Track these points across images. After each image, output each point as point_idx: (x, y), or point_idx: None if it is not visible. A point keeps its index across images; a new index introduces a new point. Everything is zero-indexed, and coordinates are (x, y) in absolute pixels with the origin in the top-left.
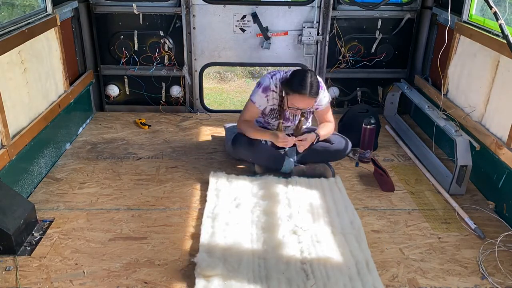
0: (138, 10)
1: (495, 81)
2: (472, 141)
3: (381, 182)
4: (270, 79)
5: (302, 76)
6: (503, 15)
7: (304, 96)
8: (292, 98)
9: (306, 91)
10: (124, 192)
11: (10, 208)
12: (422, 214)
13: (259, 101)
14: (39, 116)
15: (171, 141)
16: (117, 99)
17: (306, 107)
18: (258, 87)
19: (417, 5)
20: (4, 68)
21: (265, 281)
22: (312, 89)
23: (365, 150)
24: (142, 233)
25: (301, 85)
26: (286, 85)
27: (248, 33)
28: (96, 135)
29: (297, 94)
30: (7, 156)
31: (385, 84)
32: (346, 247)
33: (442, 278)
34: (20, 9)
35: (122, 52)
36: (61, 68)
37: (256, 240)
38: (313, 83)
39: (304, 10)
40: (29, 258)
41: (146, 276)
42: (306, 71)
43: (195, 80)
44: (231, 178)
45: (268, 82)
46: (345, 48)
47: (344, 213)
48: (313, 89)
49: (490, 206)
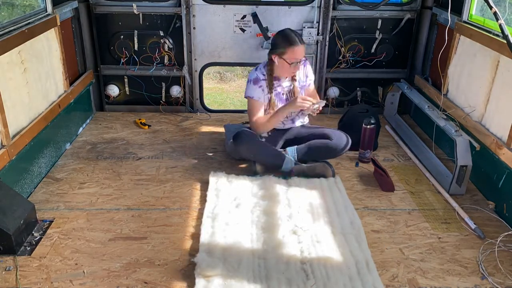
0: (138, 10)
1: (495, 81)
2: (472, 141)
3: (381, 182)
4: (255, 71)
5: (285, 33)
6: (503, 15)
7: (297, 46)
8: (290, 54)
9: (297, 40)
10: (124, 192)
11: (10, 208)
12: (422, 214)
13: (256, 93)
14: (39, 116)
15: (171, 141)
16: (117, 99)
17: (302, 56)
18: (248, 83)
19: (417, 5)
20: (4, 68)
21: (265, 281)
22: (298, 37)
23: (365, 150)
24: (142, 233)
25: (291, 39)
26: (277, 48)
27: (248, 33)
28: (96, 135)
29: (293, 46)
30: (7, 156)
31: (385, 84)
32: (346, 247)
33: (442, 278)
34: (20, 9)
35: (122, 52)
36: (61, 68)
37: (256, 240)
38: (296, 33)
39: (304, 10)
40: (29, 258)
41: (146, 276)
42: (284, 30)
43: (195, 80)
44: (231, 178)
45: (254, 74)
46: (345, 48)
47: (344, 213)
48: (299, 37)
49: (490, 206)
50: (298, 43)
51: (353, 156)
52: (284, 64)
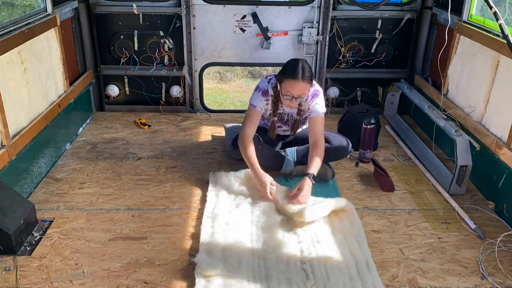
0: (138, 10)
1: (495, 81)
2: (472, 141)
3: (381, 182)
4: (267, 83)
5: (294, 63)
6: (503, 15)
7: (296, 80)
8: (285, 85)
9: (298, 74)
10: (124, 192)
11: (10, 208)
12: (422, 214)
13: (260, 104)
14: (39, 116)
15: (171, 141)
16: (117, 99)
17: (299, 93)
18: (257, 91)
19: (417, 5)
20: (4, 68)
21: (265, 281)
22: (304, 73)
23: (365, 150)
24: (142, 233)
25: (293, 70)
26: (280, 74)
27: (248, 33)
28: (96, 135)
29: (290, 79)
30: (7, 156)
31: (385, 84)
32: (346, 247)
33: (442, 278)
34: (20, 9)
35: (122, 52)
36: (61, 68)
37: (256, 240)
38: (304, 67)
39: (304, 10)
40: (29, 258)
41: (146, 276)
42: (298, 59)
43: (195, 80)
44: (230, 177)
45: (266, 87)
46: (345, 48)
47: (343, 213)
48: (305, 73)
49: (490, 206)
50: (298, 78)
51: (353, 156)
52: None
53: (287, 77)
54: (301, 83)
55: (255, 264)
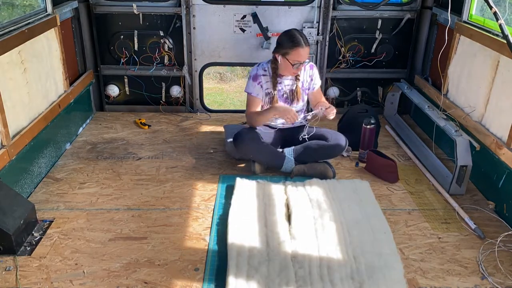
0: (138, 10)
1: (495, 81)
2: (472, 141)
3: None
4: (256, 68)
5: (291, 33)
6: (503, 15)
7: (301, 48)
8: (293, 55)
9: (301, 41)
10: (124, 192)
11: (10, 208)
12: (422, 214)
13: (254, 90)
14: (39, 116)
15: (171, 141)
16: (117, 99)
17: (306, 58)
18: (248, 79)
19: (417, 5)
20: (4, 68)
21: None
22: (304, 39)
23: (365, 150)
24: (142, 233)
25: (295, 40)
26: (281, 47)
27: (248, 33)
28: (96, 135)
29: (296, 48)
30: (7, 156)
31: (385, 84)
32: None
33: (442, 278)
34: (20, 9)
35: (122, 52)
36: (61, 68)
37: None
38: (302, 34)
39: (304, 10)
40: (29, 258)
41: (146, 276)
42: (290, 30)
43: (195, 80)
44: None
45: (255, 71)
46: (345, 48)
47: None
48: (305, 39)
49: (490, 206)
50: (302, 45)
51: (353, 156)
52: (287, 64)
53: (293, 47)
54: (305, 48)
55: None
